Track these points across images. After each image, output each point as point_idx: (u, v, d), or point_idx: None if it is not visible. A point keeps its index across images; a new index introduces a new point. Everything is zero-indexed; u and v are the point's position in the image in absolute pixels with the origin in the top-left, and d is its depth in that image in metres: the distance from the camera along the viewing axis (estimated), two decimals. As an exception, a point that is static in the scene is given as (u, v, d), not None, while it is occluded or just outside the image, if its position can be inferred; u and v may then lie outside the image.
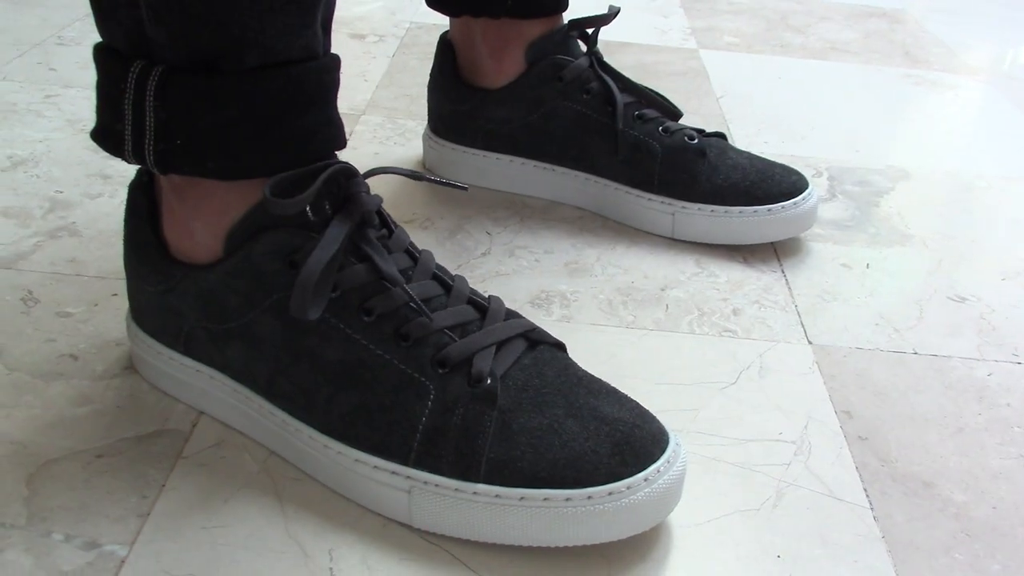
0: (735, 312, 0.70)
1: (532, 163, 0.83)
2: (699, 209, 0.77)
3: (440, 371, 0.49)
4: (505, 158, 0.84)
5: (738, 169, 0.78)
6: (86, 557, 0.46)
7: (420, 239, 0.76)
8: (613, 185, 0.80)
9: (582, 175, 0.82)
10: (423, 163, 0.89)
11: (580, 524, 0.47)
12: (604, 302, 0.70)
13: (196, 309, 0.53)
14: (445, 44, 0.84)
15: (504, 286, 0.71)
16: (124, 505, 0.49)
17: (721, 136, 0.82)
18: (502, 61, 0.81)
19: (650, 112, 0.80)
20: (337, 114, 0.54)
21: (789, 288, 0.74)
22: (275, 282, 0.50)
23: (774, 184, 0.77)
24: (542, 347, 0.53)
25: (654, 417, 0.51)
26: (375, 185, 0.80)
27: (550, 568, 0.47)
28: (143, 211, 0.55)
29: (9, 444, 0.53)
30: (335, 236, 0.50)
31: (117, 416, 0.55)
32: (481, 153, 0.84)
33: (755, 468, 0.55)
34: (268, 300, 0.51)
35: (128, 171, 0.82)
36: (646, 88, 0.81)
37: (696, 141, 0.78)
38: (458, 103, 0.84)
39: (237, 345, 0.52)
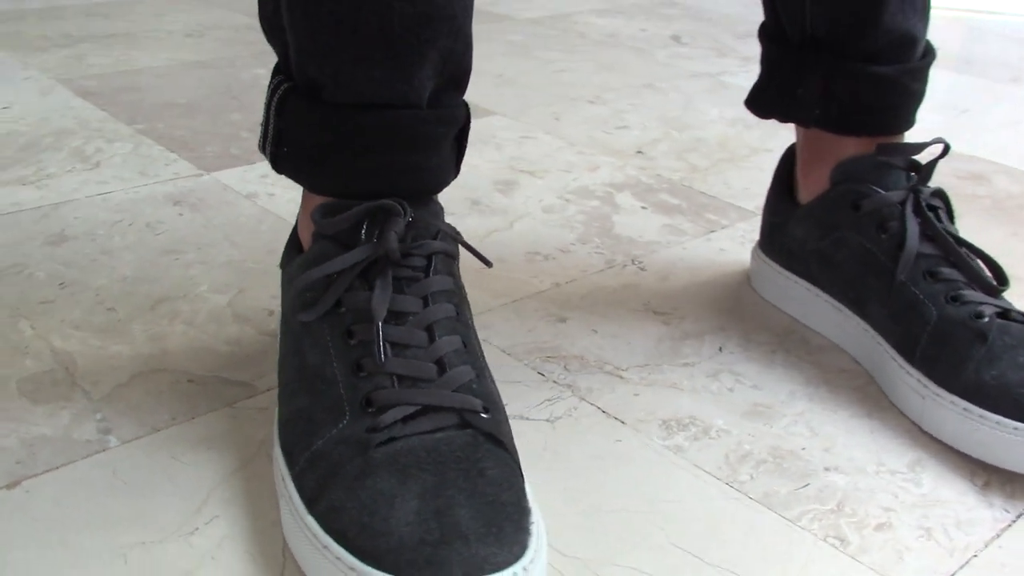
0: (880, 527, 0.54)
1: (824, 296, 0.73)
2: (952, 403, 0.61)
3: (368, 409, 0.50)
4: (802, 283, 0.75)
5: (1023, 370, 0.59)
6: (93, 436, 0.58)
7: (648, 330, 0.73)
8: (884, 345, 0.67)
9: (862, 323, 0.69)
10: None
11: (355, 598, 0.44)
12: (739, 454, 0.60)
13: (284, 293, 0.61)
14: (789, 152, 0.78)
15: (658, 398, 0.65)
16: (156, 417, 0.60)
17: (1054, 329, 0.62)
18: (809, 176, 0.72)
19: (950, 272, 0.64)
20: (433, 161, 0.57)
21: (998, 535, 0.54)
22: (311, 281, 0.56)
23: (1062, 404, 0.57)
24: (471, 431, 0.50)
25: (505, 552, 0.44)
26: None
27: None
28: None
29: (160, 350, 0.67)
30: (347, 259, 0.53)
31: (239, 361, 0.66)
32: (784, 272, 0.76)
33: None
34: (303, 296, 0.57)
35: (477, 195, 0.92)
36: (970, 247, 0.66)
37: (985, 320, 0.61)
38: (773, 214, 0.77)
39: (284, 331, 0.59)
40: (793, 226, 0.74)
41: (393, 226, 0.54)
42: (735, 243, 0.89)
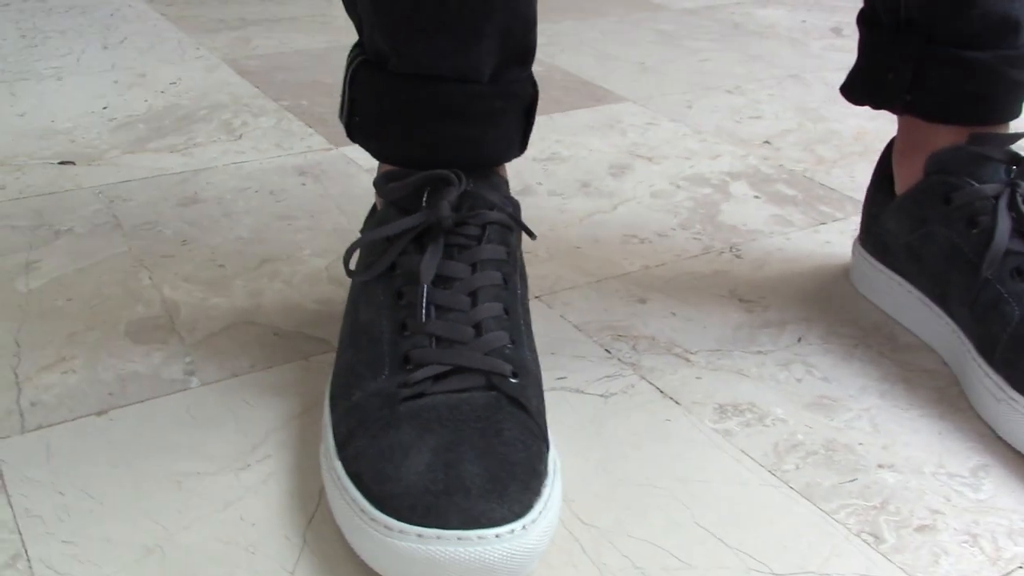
0: (922, 528, 0.52)
1: (916, 292, 0.70)
2: (1026, 408, 0.58)
3: (405, 366, 0.53)
4: (895, 277, 0.72)
5: (1106, 379, 0.55)
6: (178, 376, 0.63)
7: (728, 316, 0.72)
8: (967, 344, 0.64)
9: (949, 321, 0.66)
10: (852, 264, 0.80)
11: (368, 541, 0.47)
12: (790, 443, 0.59)
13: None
14: (892, 143, 0.75)
15: (720, 383, 0.64)
16: (237, 364, 0.65)
17: None
18: (903, 167, 0.70)
19: (1041, 272, 0.61)
20: (491, 134, 0.59)
21: (1051, 550, 0.51)
22: (374, 243, 0.59)
23: None
24: (496, 393, 0.51)
25: (504, 509, 0.45)
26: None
27: (343, 564, 0.49)
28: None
29: (254, 305, 0.72)
30: (401, 224, 0.56)
31: (324, 319, 0.70)
32: (878, 266, 0.74)
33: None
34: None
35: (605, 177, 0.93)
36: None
37: (1070, 324, 0.58)
38: (870, 205, 0.75)
39: (350, 290, 0.63)
40: (887, 218, 0.71)
41: (447, 195, 0.56)
42: (844, 236, 0.86)
